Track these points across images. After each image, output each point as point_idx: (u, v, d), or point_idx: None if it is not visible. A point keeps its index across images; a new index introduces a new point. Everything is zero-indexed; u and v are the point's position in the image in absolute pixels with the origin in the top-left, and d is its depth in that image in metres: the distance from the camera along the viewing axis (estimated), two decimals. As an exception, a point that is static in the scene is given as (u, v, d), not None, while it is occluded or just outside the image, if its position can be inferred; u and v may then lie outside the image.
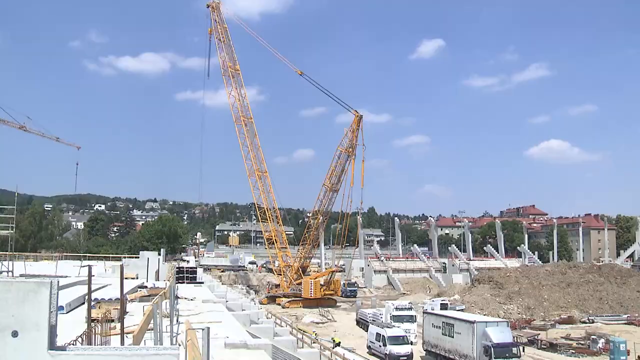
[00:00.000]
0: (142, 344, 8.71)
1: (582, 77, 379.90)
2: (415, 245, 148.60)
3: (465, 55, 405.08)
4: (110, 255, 73.27)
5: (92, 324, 12.18)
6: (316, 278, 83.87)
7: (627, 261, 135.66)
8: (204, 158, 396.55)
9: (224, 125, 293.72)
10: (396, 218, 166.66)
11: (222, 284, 68.27)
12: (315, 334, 48.72)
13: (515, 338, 42.42)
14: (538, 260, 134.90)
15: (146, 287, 35.99)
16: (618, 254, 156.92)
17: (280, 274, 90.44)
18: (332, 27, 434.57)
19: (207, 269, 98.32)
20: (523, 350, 37.71)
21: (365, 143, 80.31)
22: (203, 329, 8.23)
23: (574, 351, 47.52)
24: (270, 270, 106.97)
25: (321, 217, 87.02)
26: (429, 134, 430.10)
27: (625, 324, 63.80)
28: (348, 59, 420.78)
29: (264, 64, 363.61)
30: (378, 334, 44.13)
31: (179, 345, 10.60)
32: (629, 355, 42.39)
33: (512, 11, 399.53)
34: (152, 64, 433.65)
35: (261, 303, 76.69)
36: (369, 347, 45.47)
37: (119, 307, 17.51)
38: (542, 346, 49.60)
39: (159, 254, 59.49)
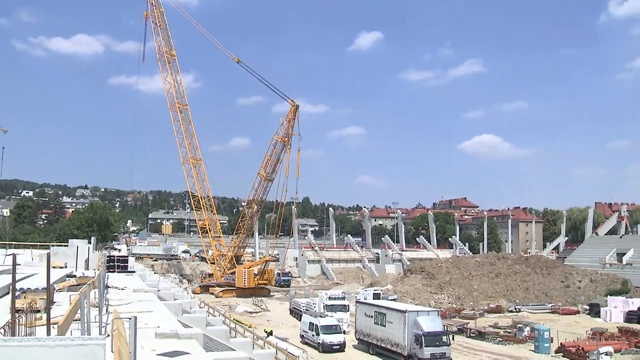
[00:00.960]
0: (68, 334, 8.45)
1: (515, 74, 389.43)
2: (349, 235, 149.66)
3: (402, 49, 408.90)
4: (38, 244, 70.93)
5: (16, 314, 11.78)
6: (250, 267, 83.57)
7: (552, 253, 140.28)
8: (137, 144, 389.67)
9: (159, 111, 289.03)
10: (331, 208, 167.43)
11: (155, 273, 67.13)
12: (250, 325, 48.55)
13: (445, 327, 43.29)
14: (469, 251, 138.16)
15: (75, 276, 35.09)
16: (544, 246, 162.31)
17: (214, 263, 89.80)
18: (272, 16, 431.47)
19: (139, 257, 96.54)
20: (453, 339, 38.52)
21: (301, 133, 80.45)
22: (130, 318, 8.01)
23: (501, 339, 48.82)
24: (203, 259, 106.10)
25: (256, 206, 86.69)
26: (365, 126, 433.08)
27: (549, 312, 66.05)
28: (286, 48, 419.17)
29: (201, 50, 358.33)
30: (311, 323, 44.28)
31: (108, 335, 10.34)
32: (552, 342, 43.90)
33: (450, 7, 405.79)
34: (85, 46, 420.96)
35: (194, 292, 75.86)
36: (302, 337, 45.59)
37: (45, 297, 17.00)
38: (471, 335, 50.78)
39: (89, 243, 58.02)
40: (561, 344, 43.20)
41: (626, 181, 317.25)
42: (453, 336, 39.72)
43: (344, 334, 44.38)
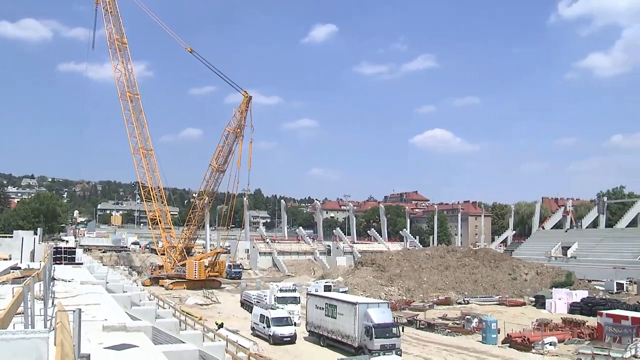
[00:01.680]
0: (10, 327, 8.18)
1: (467, 70, 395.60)
2: (300, 227, 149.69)
3: (356, 42, 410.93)
4: (-20, 235, 69.06)
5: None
6: (201, 259, 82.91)
7: (500, 246, 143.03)
8: (86, 133, 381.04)
9: (109, 99, 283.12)
10: (282, 200, 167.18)
11: (103, 265, 65.89)
12: (201, 317, 48.17)
13: (395, 319, 43.73)
14: (419, 244, 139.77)
15: (19, 268, 34.15)
16: (493, 239, 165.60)
17: (164, 255, 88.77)
18: (226, 7, 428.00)
19: (87, 249, 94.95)
20: (402, 330, 38.90)
21: (253, 124, 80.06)
22: (74, 311, 7.80)
23: (450, 330, 49.55)
24: (153, 251, 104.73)
25: (207, 198, 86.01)
26: (318, 118, 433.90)
27: (496, 304, 67.27)
28: (240, 39, 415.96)
29: (153, 39, 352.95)
30: (262, 316, 44.18)
31: (53, 328, 10.08)
32: (499, 333, 44.74)
33: (404, 2, 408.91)
34: (32, 31, 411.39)
35: (144, 285, 74.94)
36: (252, 329, 45.46)
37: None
38: (421, 326, 51.38)
39: (35, 234, 56.74)
40: (508, 334, 44.08)
41: (572, 177, 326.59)
42: (403, 328, 40.12)
43: (295, 326, 44.43)
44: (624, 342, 38.92)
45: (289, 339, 41.68)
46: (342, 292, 61.76)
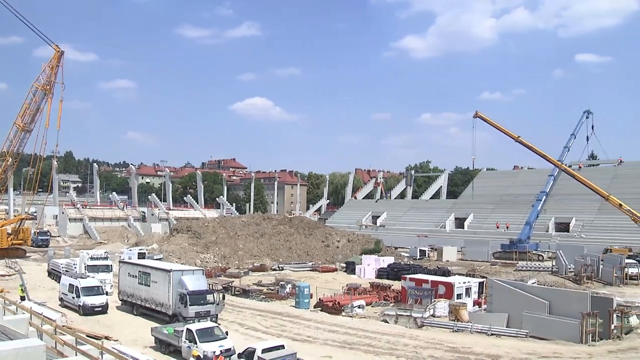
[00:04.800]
0: None
1: (290, 41, 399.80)
2: (114, 193, 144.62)
3: (180, 3, 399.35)
4: None
5: None
6: (2, 226, 77.20)
7: (315, 214, 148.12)
8: None
9: None
10: (95, 164, 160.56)
11: None
12: (2, 289, 45.05)
13: (210, 286, 43.83)
14: (235, 211, 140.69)
15: None
16: (308, 208, 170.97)
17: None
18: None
19: None
20: (223, 298, 38.91)
21: (65, 82, 75.21)
22: None
23: (264, 296, 50.55)
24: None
25: (11, 159, 79.73)
26: (136, 80, 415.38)
27: (310, 270, 69.50)
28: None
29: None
30: (71, 285, 42.21)
31: None
32: (311, 298, 46.40)
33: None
34: None
35: None
36: (61, 299, 43.31)
37: None
38: (236, 292, 51.94)
39: None
40: (320, 299, 45.89)
41: (384, 150, 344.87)
42: (224, 295, 40.15)
43: (107, 295, 43.01)
44: (424, 303, 42.19)
45: (100, 308, 40.27)
46: (156, 259, 60.70)
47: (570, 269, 62.34)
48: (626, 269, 58.01)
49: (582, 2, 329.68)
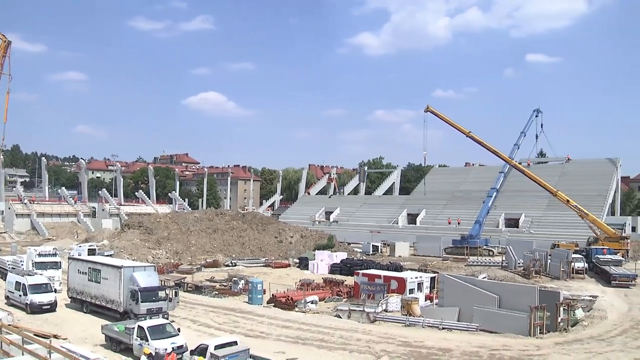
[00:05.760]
0: None
1: (244, 36, 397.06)
2: (63, 188, 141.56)
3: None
4: None
5: None
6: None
7: (268, 210, 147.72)
8: None
9: None
10: (44, 158, 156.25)
11: None
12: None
13: (162, 282, 43.34)
14: (188, 206, 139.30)
15: None
16: (261, 203, 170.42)
17: None
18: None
19: None
20: (177, 295, 38.56)
21: (12, 73, 73.63)
22: None
23: (217, 292, 50.21)
24: None
25: (-46, 153, 77.73)
26: (87, 72, 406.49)
27: (263, 266, 69.24)
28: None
29: None
30: (18, 283, 41.21)
31: None
32: (265, 293, 46.33)
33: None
34: None
35: None
36: (7, 298, 42.21)
37: None
38: (189, 289, 51.50)
39: None
40: (273, 295, 45.83)
41: (338, 146, 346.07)
42: (177, 292, 39.79)
43: (56, 292, 42.18)
44: (377, 299, 42.55)
45: (48, 306, 39.42)
46: (107, 255, 59.72)
47: (519, 263, 63.56)
48: (572, 264, 59.42)
49: (534, 3, 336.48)
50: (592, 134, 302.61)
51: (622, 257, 65.65)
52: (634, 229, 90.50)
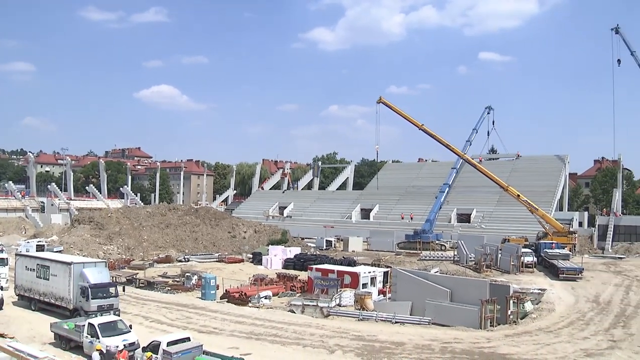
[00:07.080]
0: None
1: (198, 29, 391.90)
2: (10, 182, 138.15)
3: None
4: None
5: None
6: None
7: (221, 205, 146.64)
8: None
9: None
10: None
11: None
12: None
13: (113, 278, 42.73)
14: (140, 201, 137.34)
15: None
16: (214, 198, 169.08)
17: None
18: None
19: None
20: (124, 290, 38.19)
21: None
22: None
23: (170, 288, 49.85)
24: None
25: None
26: (35, 63, 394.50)
27: (216, 261, 69.03)
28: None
29: None
30: (-38, 280, 40.32)
31: None
32: (218, 289, 46.19)
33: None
34: None
35: None
36: (-49, 295, 41.23)
37: None
38: (140, 285, 50.96)
39: None
40: (226, 290, 45.71)
41: (292, 141, 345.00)
42: (124, 287, 39.41)
43: (2, 290, 41.26)
44: (330, 293, 42.81)
45: (-6, 304, 38.57)
46: (56, 251, 58.65)
47: (470, 258, 64.61)
48: (522, 258, 60.67)
49: (487, 3, 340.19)
50: (541, 131, 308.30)
51: (570, 251, 67.25)
52: (580, 224, 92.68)
